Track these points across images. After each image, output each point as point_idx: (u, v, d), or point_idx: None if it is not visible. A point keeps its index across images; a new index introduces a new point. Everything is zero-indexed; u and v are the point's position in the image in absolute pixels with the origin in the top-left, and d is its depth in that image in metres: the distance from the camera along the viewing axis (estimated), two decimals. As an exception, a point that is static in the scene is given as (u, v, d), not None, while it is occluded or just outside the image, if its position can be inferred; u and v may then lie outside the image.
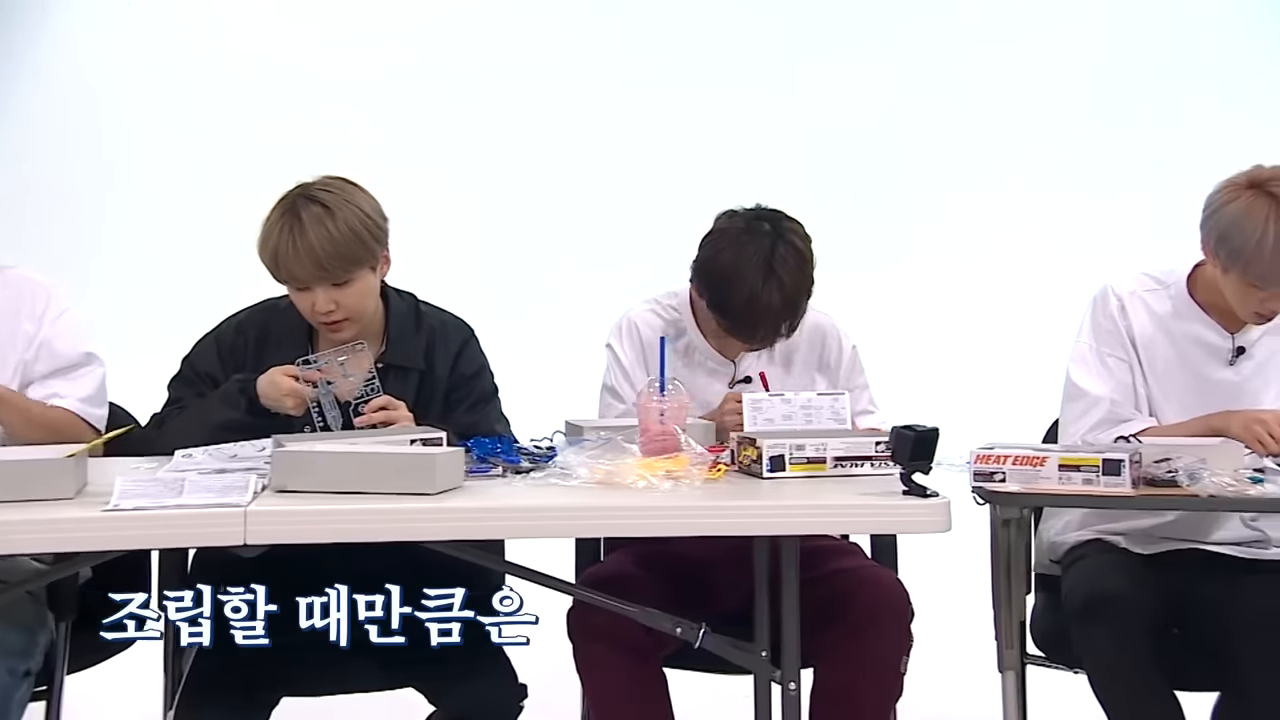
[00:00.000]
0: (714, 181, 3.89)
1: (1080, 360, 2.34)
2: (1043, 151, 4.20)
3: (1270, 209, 2.14)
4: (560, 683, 2.19)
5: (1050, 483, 2.00)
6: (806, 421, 2.10)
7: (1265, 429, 2.14)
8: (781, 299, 2.23)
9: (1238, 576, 2.27)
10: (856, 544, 2.35)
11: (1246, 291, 2.20)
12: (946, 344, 4.10)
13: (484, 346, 2.30)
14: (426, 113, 4.21)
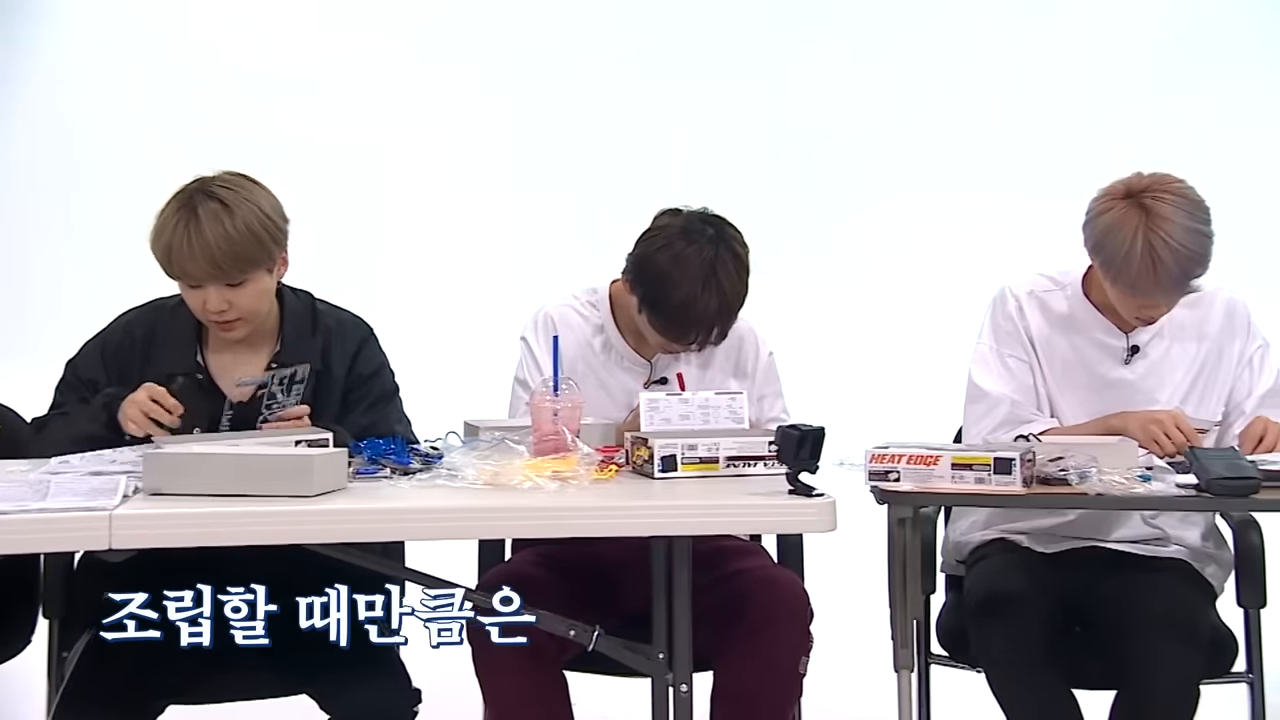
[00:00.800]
0: (651, 179, 3.91)
1: (981, 361, 2.34)
2: (973, 154, 4.22)
3: (1141, 221, 2.13)
4: (459, 687, 2.17)
5: (943, 481, 1.99)
6: (704, 421, 2.08)
7: (1161, 429, 2.15)
8: (719, 305, 2.20)
9: (1137, 574, 2.28)
10: (759, 545, 2.34)
11: (1124, 298, 2.21)
12: (877, 346, 4.11)
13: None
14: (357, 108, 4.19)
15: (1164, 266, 2.12)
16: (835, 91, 4.21)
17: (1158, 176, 2.19)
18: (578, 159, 4.16)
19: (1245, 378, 2.30)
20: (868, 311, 4.12)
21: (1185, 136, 4.00)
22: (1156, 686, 2.08)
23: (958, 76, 4.20)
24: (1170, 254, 2.11)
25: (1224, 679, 2.20)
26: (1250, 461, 1.92)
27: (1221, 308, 2.31)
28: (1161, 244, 2.11)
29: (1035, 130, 4.15)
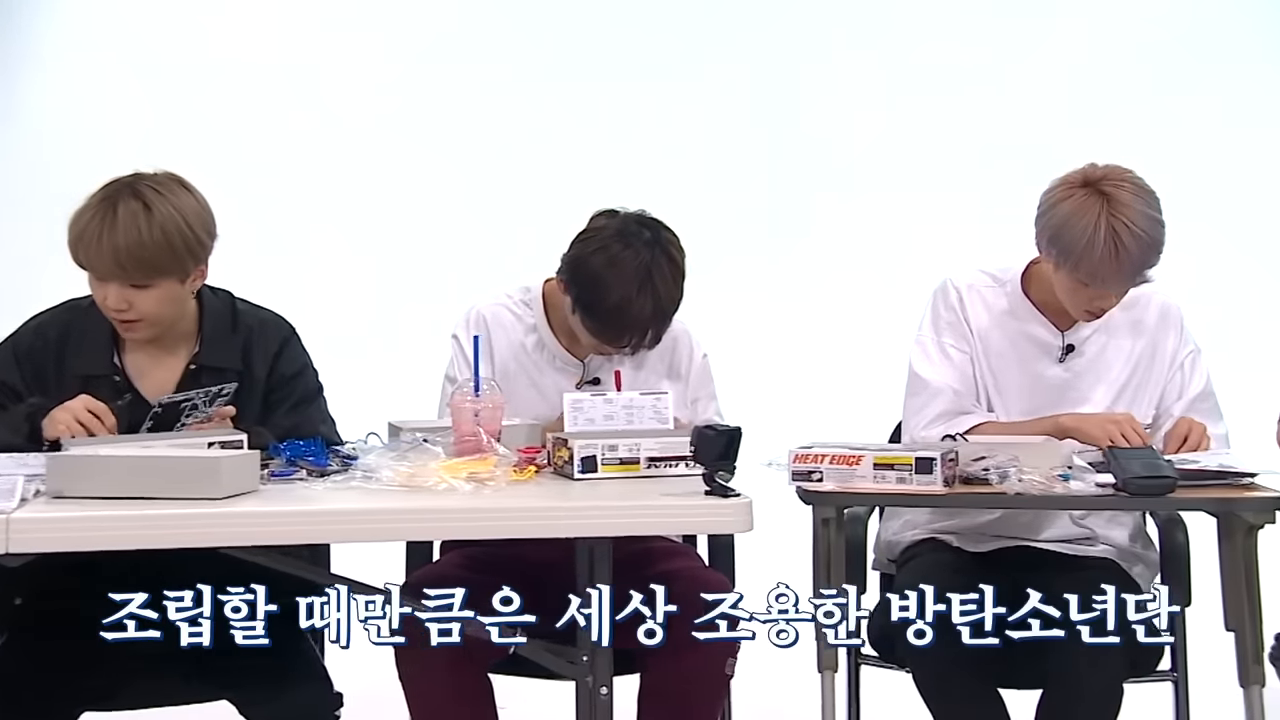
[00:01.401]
0: (591, 178, 3.88)
1: (922, 351, 2.33)
2: (922, 154, 4.23)
3: (1101, 208, 2.14)
4: (384, 691, 2.15)
5: (866, 481, 1.99)
6: (628, 422, 2.06)
7: (1119, 429, 2.13)
8: (654, 309, 2.18)
9: (1065, 574, 2.28)
10: (689, 546, 2.33)
11: (1077, 289, 2.20)
12: (827, 347, 4.10)
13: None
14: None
15: (1126, 252, 2.12)
16: (790, 91, 4.21)
17: (1112, 167, 2.19)
18: (517, 155, 4.14)
19: (1176, 381, 2.30)
20: (819, 313, 4.13)
21: (1173, 138, 3.99)
22: (1080, 686, 2.08)
23: (928, 77, 4.19)
24: (1133, 239, 2.12)
25: (1149, 678, 2.20)
26: (1168, 461, 1.93)
27: (1157, 310, 2.31)
28: (1124, 230, 2.12)
29: (996, 133, 4.15)
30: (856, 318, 4.11)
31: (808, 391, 3.85)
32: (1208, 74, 4.12)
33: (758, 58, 4.19)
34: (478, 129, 4.16)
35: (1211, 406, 2.29)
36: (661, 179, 4.00)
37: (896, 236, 4.17)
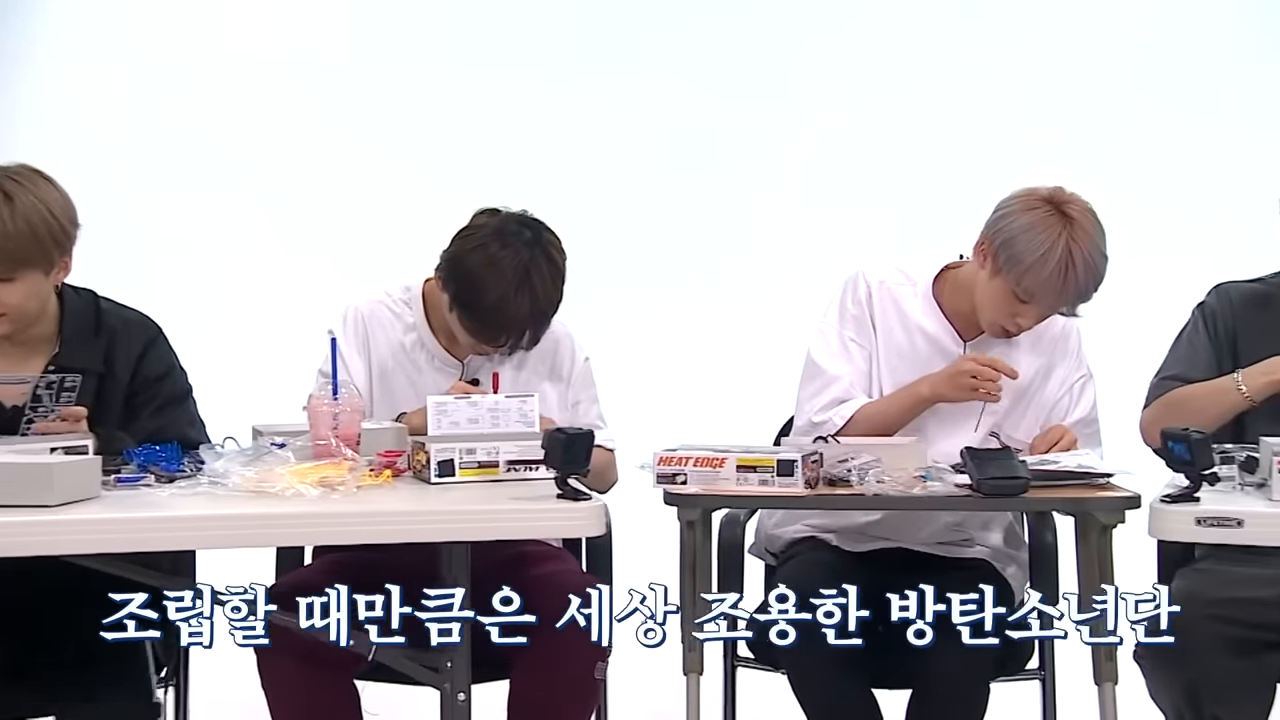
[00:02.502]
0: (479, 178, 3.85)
1: (822, 340, 2.32)
2: (867, 160, 4.21)
3: (1063, 229, 2.15)
4: (248, 698, 2.11)
5: (729, 484, 1.98)
6: (494, 425, 2.03)
7: (967, 378, 2.16)
8: (531, 309, 2.16)
9: (938, 575, 2.29)
10: (562, 550, 2.31)
11: (1008, 300, 2.20)
12: (757, 350, 4.08)
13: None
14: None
15: (1074, 278, 2.14)
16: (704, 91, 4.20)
17: (1078, 196, 2.20)
18: (409, 153, 4.10)
19: (1064, 404, 2.31)
20: (756, 319, 4.08)
21: (1127, 141, 4.01)
22: (945, 686, 2.09)
23: (879, 82, 4.18)
24: (1084, 268, 2.14)
25: (1017, 677, 2.21)
26: (1022, 462, 1.94)
27: (1059, 330, 2.31)
28: (1080, 256, 2.13)
29: (942, 140, 4.15)
30: (794, 324, 4.12)
31: (742, 396, 3.84)
32: (1167, 78, 4.17)
33: (702, 59, 4.19)
34: (365, 124, 4.12)
35: (1093, 433, 2.30)
36: (598, 181, 4.01)
37: (835, 244, 4.17)
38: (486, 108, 4.12)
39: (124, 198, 3.90)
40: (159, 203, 3.95)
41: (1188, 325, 2.31)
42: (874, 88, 4.13)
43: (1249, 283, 2.27)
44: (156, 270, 3.69)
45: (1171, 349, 2.31)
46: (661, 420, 2.80)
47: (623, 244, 3.92)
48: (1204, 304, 2.30)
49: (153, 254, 3.77)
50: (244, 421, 2.19)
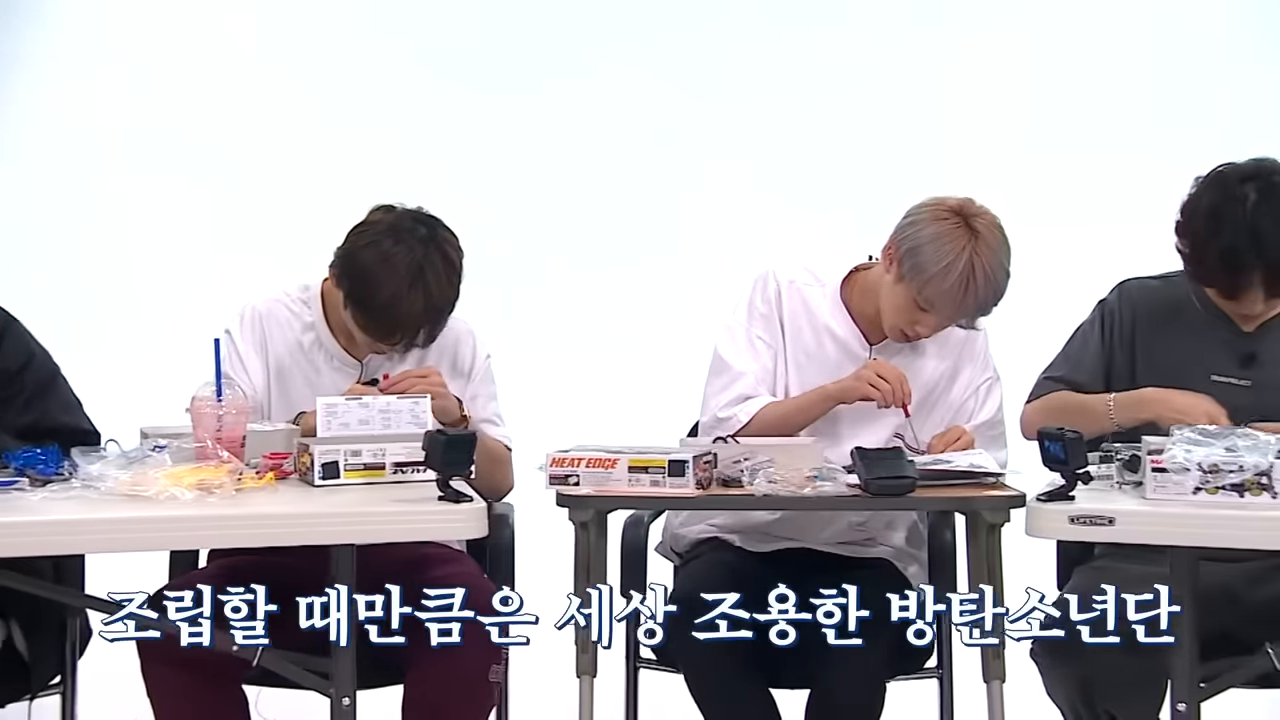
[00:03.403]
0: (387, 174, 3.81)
1: (729, 336, 2.32)
2: (794, 161, 4.21)
3: (969, 242, 2.16)
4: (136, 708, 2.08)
5: (621, 484, 1.97)
6: (384, 426, 2.00)
7: (867, 380, 2.17)
8: (426, 306, 2.14)
9: (838, 575, 2.29)
10: (461, 552, 2.29)
11: (910, 307, 2.21)
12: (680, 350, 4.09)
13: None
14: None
15: (975, 291, 2.15)
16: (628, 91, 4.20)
17: (987, 210, 2.21)
18: (299, 152, 4.05)
19: (969, 406, 2.31)
20: (681, 319, 4.08)
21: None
22: (840, 686, 2.09)
23: (805, 81, 4.19)
24: (986, 282, 2.15)
25: (916, 675, 2.22)
26: (910, 462, 1.95)
27: (964, 334, 2.32)
28: (982, 271, 2.14)
29: (871, 142, 4.15)
30: (712, 324, 4.12)
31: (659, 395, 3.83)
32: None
33: (626, 56, 4.18)
34: (265, 123, 4.08)
35: (998, 434, 2.31)
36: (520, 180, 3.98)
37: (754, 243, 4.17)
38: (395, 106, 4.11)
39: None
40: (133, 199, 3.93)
41: (1086, 321, 2.32)
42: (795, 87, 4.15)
43: (1153, 279, 2.29)
44: (127, 267, 3.64)
45: (1066, 344, 2.32)
46: (575, 421, 2.79)
47: (543, 242, 3.92)
48: (1105, 301, 2.32)
49: (124, 250, 3.74)
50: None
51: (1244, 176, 2.11)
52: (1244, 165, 2.14)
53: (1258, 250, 2.05)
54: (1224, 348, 2.17)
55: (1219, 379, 2.18)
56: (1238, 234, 2.06)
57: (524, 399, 2.61)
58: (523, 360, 2.80)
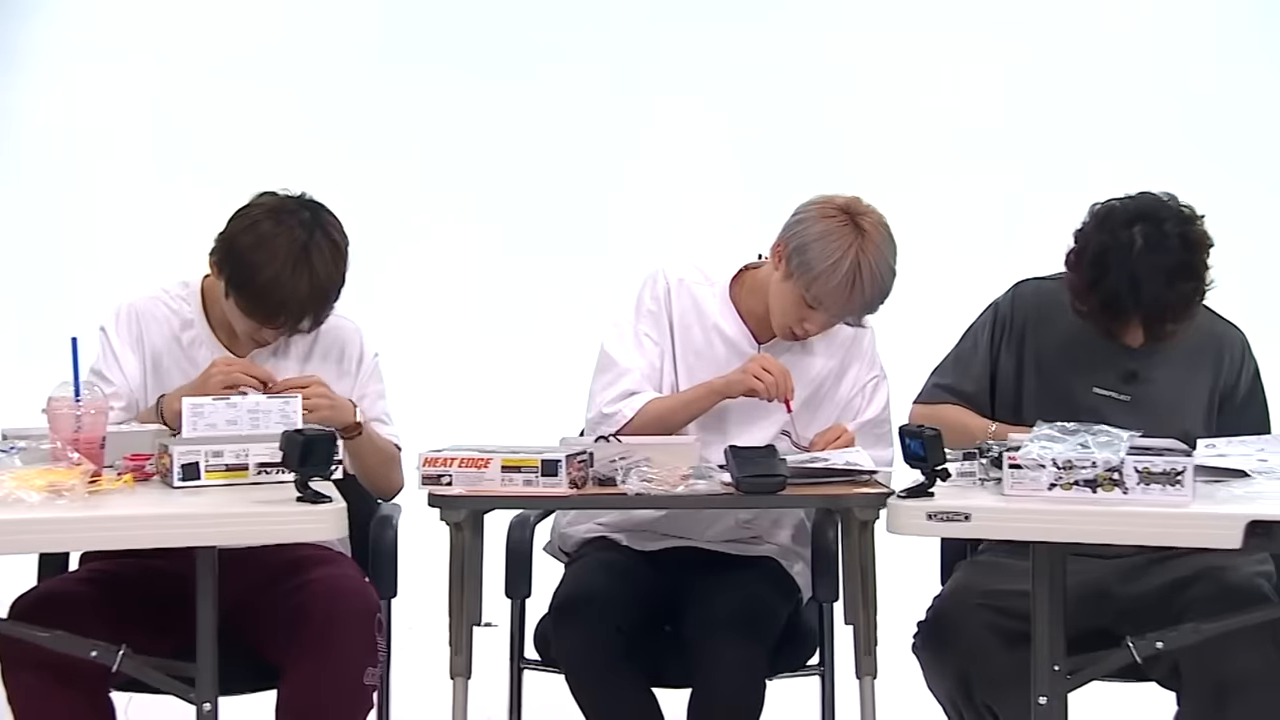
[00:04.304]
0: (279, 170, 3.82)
1: (617, 333, 2.31)
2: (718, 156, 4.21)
3: (855, 240, 2.16)
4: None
5: (494, 484, 1.96)
6: (253, 426, 1.96)
7: (754, 374, 2.17)
8: (310, 288, 2.10)
9: (723, 574, 2.26)
10: (343, 553, 2.25)
11: (798, 305, 2.21)
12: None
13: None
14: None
15: (861, 290, 2.16)
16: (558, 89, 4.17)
17: (874, 209, 2.22)
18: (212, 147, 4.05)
19: (855, 404, 2.32)
20: (540, 317, 4.05)
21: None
22: (720, 684, 2.09)
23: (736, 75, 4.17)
24: (871, 281, 2.16)
25: (798, 673, 2.22)
26: (782, 460, 1.96)
27: (851, 332, 2.32)
28: (869, 269, 2.15)
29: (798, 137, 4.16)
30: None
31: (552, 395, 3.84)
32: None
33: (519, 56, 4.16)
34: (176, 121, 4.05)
35: (884, 433, 2.32)
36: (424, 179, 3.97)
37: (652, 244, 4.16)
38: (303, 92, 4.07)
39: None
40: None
41: (979, 320, 2.33)
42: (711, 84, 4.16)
43: (1050, 280, 2.29)
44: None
45: (958, 342, 2.34)
46: (471, 420, 2.78)
47: (443, 239, 3.91)
48: (997, 303, 2.33)
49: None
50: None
51: (1131, 218, 2.10)
52: (1132, 205, 2.13)
53: (1136, 299, 2.07)
54: (1109, 361, 2.19)
55: (1100, 392, 2.21)
56: (1120, 281, 2.07)
57: (422, 397, 2.60)
58: (421, 358, 2.79)
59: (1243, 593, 2.03)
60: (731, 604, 2.18)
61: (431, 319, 3.85)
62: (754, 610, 2.19)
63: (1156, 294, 2.06)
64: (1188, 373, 2.23)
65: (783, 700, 2.24)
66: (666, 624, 2.27)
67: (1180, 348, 2.18)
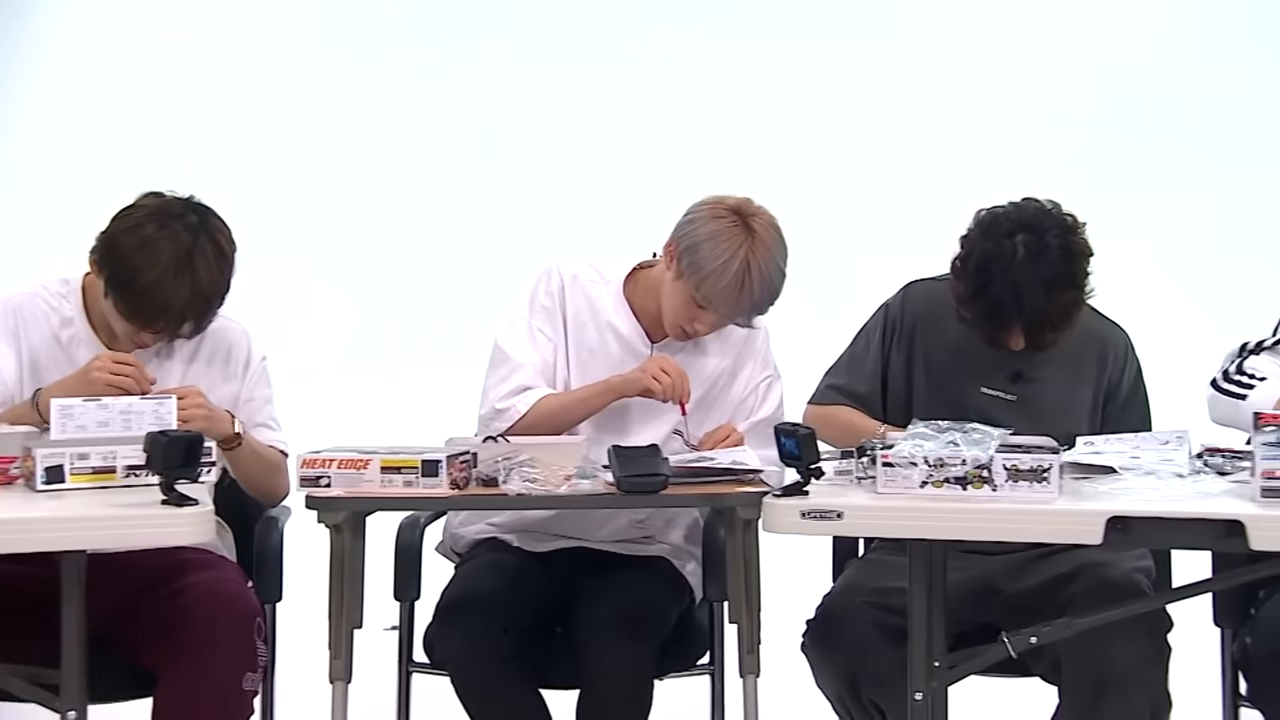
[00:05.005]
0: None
1: (510, 327, 2.30)
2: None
3: (745, 240, 2.17)
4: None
5: (373, 485, 1.94)
6: (125, 428, 1.90)
7: (650, 375, 2.17)
8: (192, 293, 2.06)
9: (613, 574, 2.26)
10: (224, 556, 2.21)
11: (688, 305, 2.21)
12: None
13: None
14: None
15: (750, 290, 2.16)
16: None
17: (765, 210, 2.22)
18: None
19: (748, 404, 2.33)
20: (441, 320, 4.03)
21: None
22: (606, 685, 2.09)
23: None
24: (760, 281, 2.16)
25: (689, 672, 2.22)
26: (665, 459, 1.95)
27: (744, 331, 2.33)
28: (758, 270, 2.16)
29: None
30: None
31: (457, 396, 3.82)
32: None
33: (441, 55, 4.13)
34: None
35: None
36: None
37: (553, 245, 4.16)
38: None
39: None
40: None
41: (871, 321, 2.35)
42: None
43: (939, 280, 2.31)
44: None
45: (852, 342, 2.36)
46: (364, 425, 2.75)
47: (328, 244, 3.87)
48: (888, 304, 2.35)
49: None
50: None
51: (1014, 228, 2.13)
52: (1015, 213, 2.15)
53: (1018, 309, 2.09)
54: (996, 362, 2.22)
55: (988, 392, 2.24)
56: (1003, 290, 2.09)
57: (315, 401, 2.57)
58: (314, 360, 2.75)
59: (1120, 588, 2.07)
60: (619, 604, 2.18)
61: (323, 321, 3.80)
62: (642, 611, 2.18)
63: (1037, 304, 2.09)
64: (1073, 373, 2.26)
65: (674, 700, 2.25)
66: (557, 625, 2.27)
67: (1065, 348, 2.21)
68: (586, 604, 2.20)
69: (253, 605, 2.07)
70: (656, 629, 2.19)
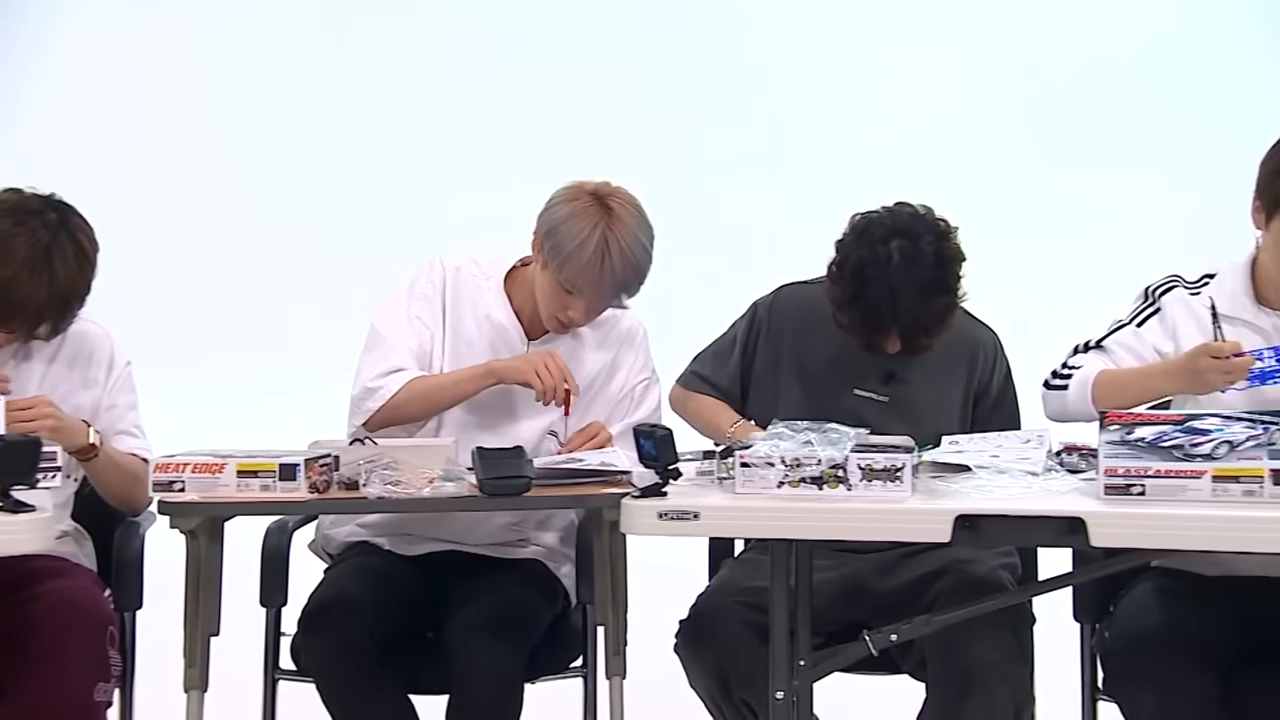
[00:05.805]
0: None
1: (388, 312, 2.27)
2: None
3: (601, 219, 2.15)
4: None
5: (229, 489, 1.89)
6: (-28, 431, 1.88)
7: (539, 364, 2.16)
8: (50, 293, 2.00)
9: (486, 577, 2.24)
10: (78, 564, 2.14)
11: (557, 292, 2.19)
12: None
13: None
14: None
15: (611, 267, 2.14)
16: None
17: (624, 190, 2.21)
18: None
19: (624, 405, 2.32)
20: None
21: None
22: (474, 689, 2.06)
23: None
24: (621, 258, 2.14)
25: (561, 675, 2.21)
26: (529, 461, 1.94)
27: (625, 329, 2.33)
28: (616, 246, 2.14)
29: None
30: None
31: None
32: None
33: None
34: None
35: None
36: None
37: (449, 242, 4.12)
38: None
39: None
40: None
41: (742, 318, 2.37)
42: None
43: (811, 284, 2.33)
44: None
45: (722, 335, 2.38)
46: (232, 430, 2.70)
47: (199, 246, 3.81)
48: (757, 305, 2.37)
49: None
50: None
51: (889, 233, 2.15)
52: (890, 219, 2.18)
53: (894, 314, 2.12)
54: (868, 363, 2.24)
55: (861, 393, 2.26)
56: (880, 296, 2.11)
57: (182, 406, 2.51)
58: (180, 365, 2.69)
59: (984, 585, 2.11)
60: (489, 608, 2.15)
61: (192, 325, 3.73)
62: (511, 614, 2.16)
63: (913, 308, 2.12)
64: (944, 374, 2.30)
65: (547, 702, 2.24)
66: (429, 629, 2.24)
67: (937, 350, 2.24)
68: (456, 608, 2.18)
69: (106, 614, 2.01)
70: (527, 632, 2.17)
